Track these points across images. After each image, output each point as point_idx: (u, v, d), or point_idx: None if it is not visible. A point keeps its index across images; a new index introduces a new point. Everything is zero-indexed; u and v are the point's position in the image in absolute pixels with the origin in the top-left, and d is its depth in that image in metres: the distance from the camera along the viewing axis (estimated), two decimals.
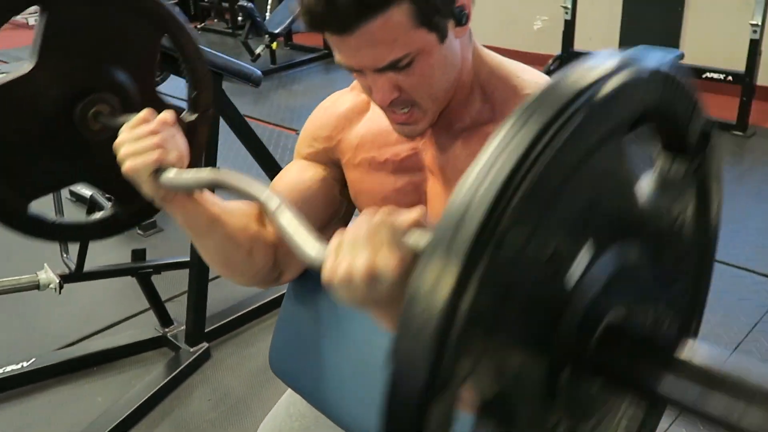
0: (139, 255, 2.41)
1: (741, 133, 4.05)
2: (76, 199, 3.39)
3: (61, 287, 2.16)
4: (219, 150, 2.45)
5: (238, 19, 6.63)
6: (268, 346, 1.25)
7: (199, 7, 7.55)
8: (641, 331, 0.61)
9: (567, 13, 4.48)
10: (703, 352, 0.55)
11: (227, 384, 2.31)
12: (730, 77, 4.08)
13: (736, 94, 4.05)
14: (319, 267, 0.70)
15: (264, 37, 5.31)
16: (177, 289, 2.67)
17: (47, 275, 2.21)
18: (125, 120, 1.07)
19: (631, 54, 0.56)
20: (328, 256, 0.69)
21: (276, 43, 5.45)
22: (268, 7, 5.91)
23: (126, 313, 2.67)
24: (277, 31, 5.31)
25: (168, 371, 2.30)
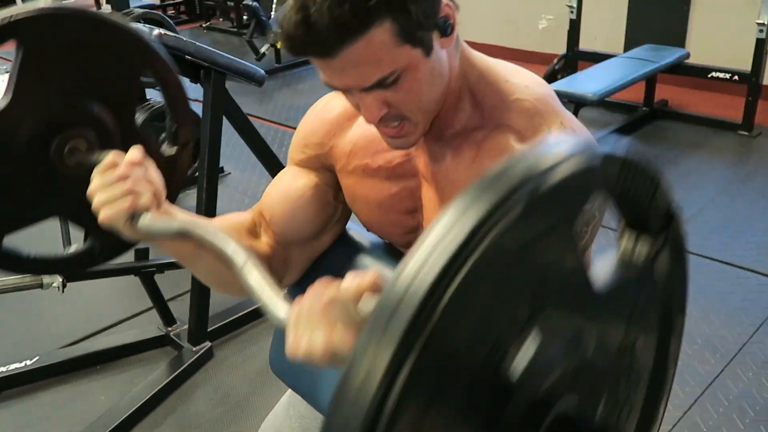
0: (142, 254, 2.42)
1: (747, 133, 4.03)
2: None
3: (64, 286, 2.16)
4: (222, 149, 2.45)
5: (243, 18, 6.64)
6: (269, 346, 1.25)
7: (204, 6, 7.55)
8: (592, 424, 0.58)
9: (572, 12, 4.46)
10: None
11: (230, 383, 2.31)
12: (735, 77, 4.06)
13: (742, 94, 4.04)
14: (285, 328, 0.71)
15: (269, 36, 5.31)
16: (180, 288, 2.67)
17: (49, 276, 2.21)
18: (100, 158, 1.05)
19: (585, 140, 0.54)
20: (288, 331, 0.70)
21: (281, 43, 5.45)
22: (273, 6, 5.91)
23: (129, 312, 2.67)
24: None
25: (171, 370, 2.30)
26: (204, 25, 7.39)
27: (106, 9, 3.40)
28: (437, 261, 0.46)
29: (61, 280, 2.16)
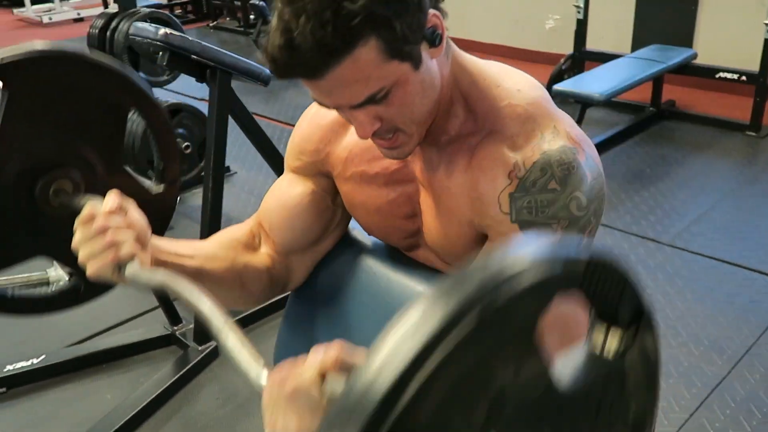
0: None
1: (754, 134, 4.02)
2: None
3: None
4: (228, 149, 2.45)
5: (250, 17, 6.65)
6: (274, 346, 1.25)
7: (212, 6, 7.57)
8: None
9: (579, 12, 4.45)
10: None
11: (235, 382, 2.31)
12: (743, 77, 4.05)
13: (750, 95, 4.02)
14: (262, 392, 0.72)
15: None
16: None
17: (57, 272, 2.21)
18: (84, 201, 1.06)
19: (551, 245, 0.53)
20: (264, 412, 0.70)
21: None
22: None
23: (135, 311, 2.68)
24: None
25: (176, 369, 2.30)
26: (211, 24, 7.41)
27: (113, 8, 3.41)
28: (387, 376, 0.47)
29: (67, 278, 2.16)
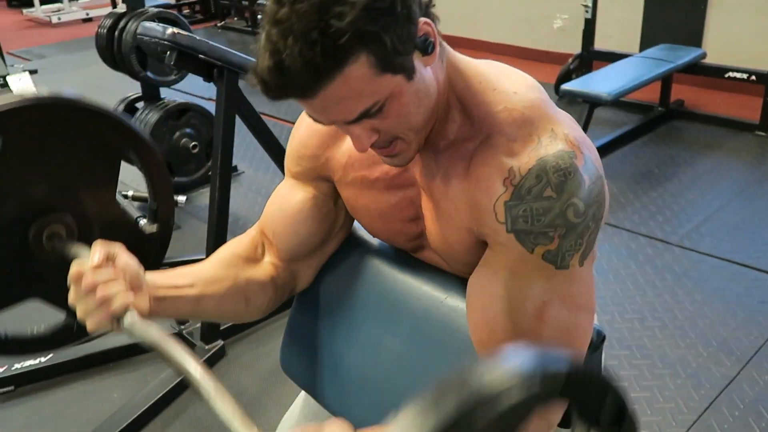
0: None
1: (764, 134, 3.99)
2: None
3: None
4: (235, 148, 2.46)
5: (258, 17, 6.66)
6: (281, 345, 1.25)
7: (219, 6, 7.59)
8: None
9: (587, 11, 4.43)
10: None
11: (241, 382, 2.32)
12: (753, 77, 4.01)
13: (760, 94, 3.99)
14: None
15: None
16: None
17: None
18: (76, 250, 1.07)
19: (531, 360, 0.53)
20: None
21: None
22: None
23: None
24: None
25: None
26: (218, 24, 7.43)
27: (122, 8, 3.42)
28: None
29: None
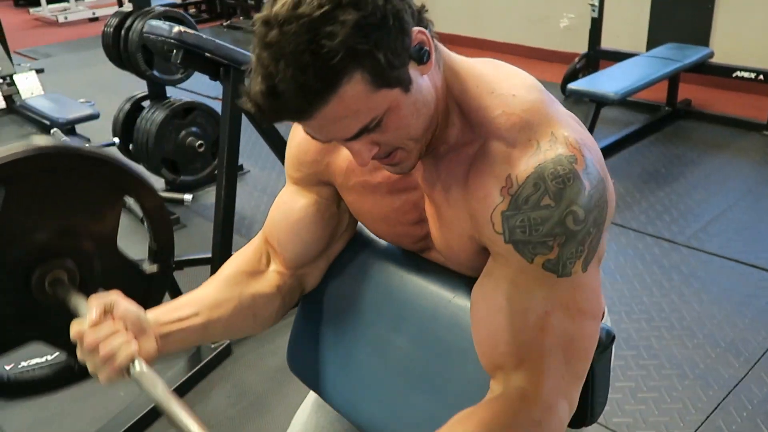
0: None
1: None
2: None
3: None
4: (241, 147, 2.46)
5: None
6: (287, 344, 1.24)
7: (225, 5, 7.60)
8: None
9: (594, 10, 4.42)
10: None
11: (247, 381, 2.32)
12: (761, 76, 4.00)
13: (767, 94, 3.97)
14: None
15: None
16: (198, 285, 2.68)
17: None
18: (75, 301, 1.08)
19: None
20: None
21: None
22: None
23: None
24: None
25: (189, 367, 2.31)
26: (224, 23, 7.44)
27: (128, 7, 3.42)
28: None
29: None
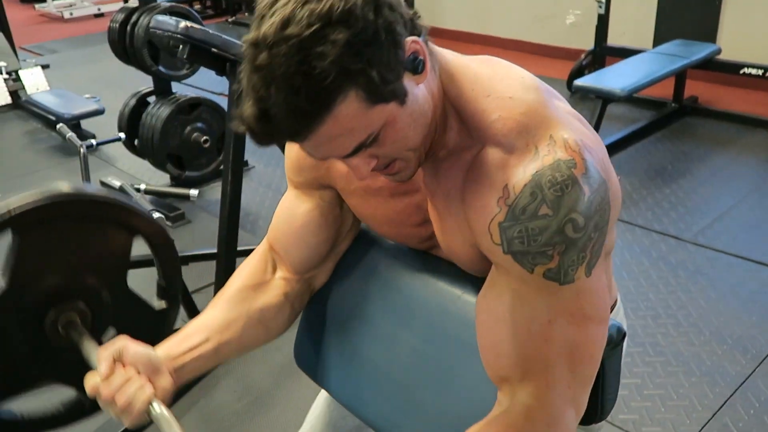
0: None
1: None
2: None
3: None
4: (247, 143, 2.45)
5: None
6: (293, 339, 1.24)
7: (230, 1, 7.59)
8: None
9: (600, 6, 4.40)
10: None
11: (252, 376, 2.32)
12: None
13: None
14: None
15: None
16: (204, 280, 2.69)
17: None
18: (87, 348, 1.10)
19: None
20: None
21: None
22: None
23: None
24: None
25: None
26: (230, 19, 7.44)
27: (134, 3, 3.42)
28: None
29: None
